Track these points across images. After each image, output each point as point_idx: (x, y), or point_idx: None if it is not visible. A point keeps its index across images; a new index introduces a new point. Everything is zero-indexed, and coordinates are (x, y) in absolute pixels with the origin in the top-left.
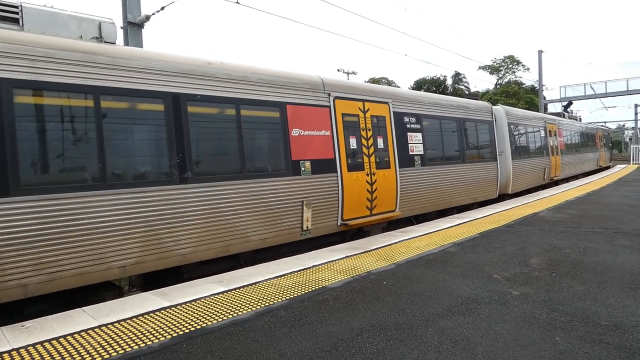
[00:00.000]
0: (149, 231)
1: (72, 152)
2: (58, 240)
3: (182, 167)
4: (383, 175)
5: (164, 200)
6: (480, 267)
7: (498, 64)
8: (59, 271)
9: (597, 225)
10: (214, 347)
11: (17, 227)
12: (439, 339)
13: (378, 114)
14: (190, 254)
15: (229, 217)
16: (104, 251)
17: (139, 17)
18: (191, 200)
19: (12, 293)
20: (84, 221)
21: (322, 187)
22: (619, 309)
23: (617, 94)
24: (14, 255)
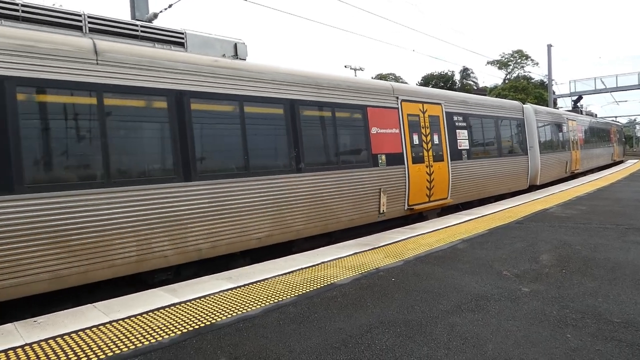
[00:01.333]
0: (277, 210)
1: (229, 149)
2: (217, 216)
3: (297, 159)
4: (438, 167)
5: (286, 185)
6: (489, 263)
7: (507, 58)
8: (218, 240)
9: (607, 221)
10: (223, 342)
11: (198, 205)
12: (449, 336)
13: (433, 113)
14: (302, 230)
15: (327, 201)
16: (248, 226)
17: (147, 15)
18: (304, 186)
19: (192, 255)
20: (233, 201)
21: (394, 177)
22: (631, 306)
23: (628, 88)
24: (197, 226)
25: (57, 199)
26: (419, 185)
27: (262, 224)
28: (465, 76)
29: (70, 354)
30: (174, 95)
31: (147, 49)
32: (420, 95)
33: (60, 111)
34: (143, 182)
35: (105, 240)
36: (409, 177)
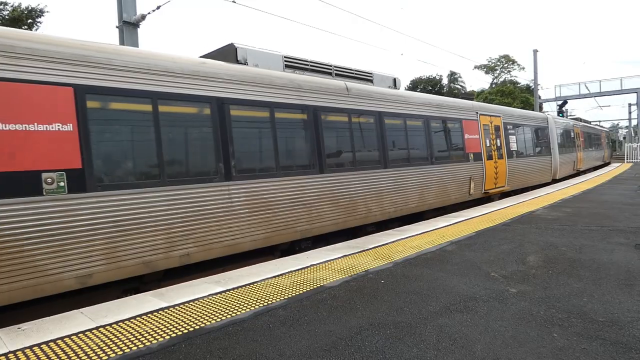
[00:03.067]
0: (418, 188)
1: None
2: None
3: (431, 156)
4: (500, 163)
5: (426, 172)
6: (477, 265)
7: (493, 63)
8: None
9: (593, 223)
10: (213, 347)
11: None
12: (438, 337)
13: (496, 124)
14: (432, 203)
15: (447, 184)
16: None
17: (135, 17)
18: (438, 173)
19: (293, 236)
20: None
21: (477, 169)
22: (615, 305)
23: (611, 93)
24: (296, 213)
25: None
26: (490, 175)
27: (409, 197)
28: (453, 80)
29: None
30: (378, 114)
31: (365, 85)
32: (489, 110)
33: (332, 126)
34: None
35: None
36: (485, 169)
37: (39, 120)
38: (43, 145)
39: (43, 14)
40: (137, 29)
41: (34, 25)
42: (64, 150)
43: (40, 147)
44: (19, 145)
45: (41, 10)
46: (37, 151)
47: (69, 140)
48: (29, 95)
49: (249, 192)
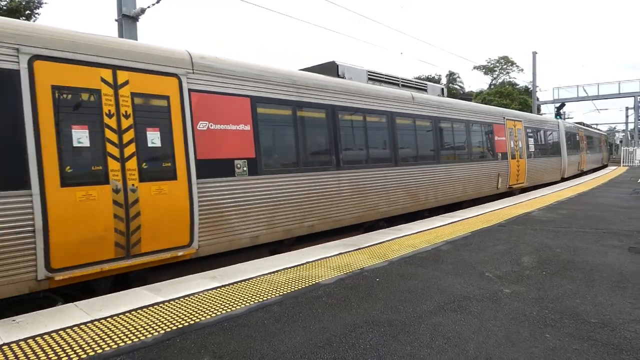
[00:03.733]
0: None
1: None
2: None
3: (469, 153)
4: (522, 162)
5: (467, 169)
6: (472, 265)
7: (492, 64)
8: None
9: (587, 226)
10: (207, 342)
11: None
12: (431, 336)
13: (518, 127)
14: (470, 194)
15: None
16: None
17: (134, 10)
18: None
19: (376, 216)
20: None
21: (504, 167)
22: (607, 307)
23: (609, 97)
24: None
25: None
26: (514, 172)
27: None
28: (452, 80)
29: (50, 353)
30: (434, 119)
31: (424, 95)
32: (513, 115)
33: (403, 128)
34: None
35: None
36: (510, 167)
37: (232, 122)
38: (234, 140)
39: (41, 5)
40: (137, 23)
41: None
42: (245, 144)
43: (233, 141)
44: (225, 139)
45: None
46: (231, 145)
47: (248, 137)
48: (227, 104)
49: (351, 179)
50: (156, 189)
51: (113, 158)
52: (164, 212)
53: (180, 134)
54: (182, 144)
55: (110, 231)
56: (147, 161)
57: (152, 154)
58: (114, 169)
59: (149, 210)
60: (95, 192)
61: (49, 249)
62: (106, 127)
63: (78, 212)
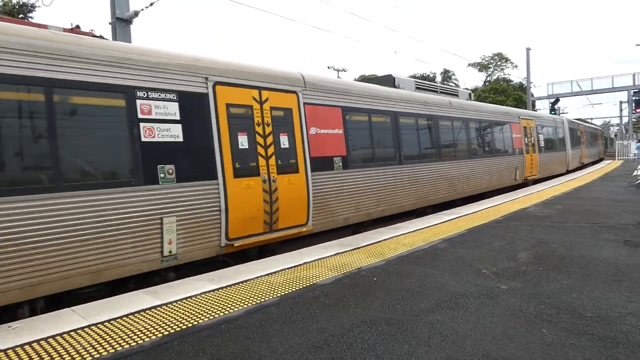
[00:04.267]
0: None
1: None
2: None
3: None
4: (534, 156)
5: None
6: (469, 262)
7: (487, 61)
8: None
9: (583, 220)
10: (205, 344)
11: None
12: (429, 333)
13: (531, 125)
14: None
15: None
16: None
17: (128, 13)
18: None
19: (424, 203)
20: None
21: (520, 161)
22: (603, 301)
23: (602, 91)
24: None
25: None
26: (528, 165)
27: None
28: (447, 78)
29: (47, 359)
30: (465, 120)
31: (457, 99)
32: (526, 115)
33: (443, 128)
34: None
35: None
36: (525, 161)
37: (330, 127)
38: (332, 141)
39: (35, 9)
40: (130, 26)
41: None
42: (339, 145)
43: (332, 142)
44: (327, 141)
45: (32, 5)
46: (330, 145)
47: (341, 139)
48: (327, 113)
49: (408, 173)
50: (287, 180)
51: (261, 156)
52: (292, 198)
53: (300, 137)
54: (301, 145)
55: (260, 211)
56: (281, 158)
57: (284, 153)
58: (262, 164)
59: (283, 196)
60: (252, 182)
61: (227, 223)
62: (256, 133)
63: (243, 197)
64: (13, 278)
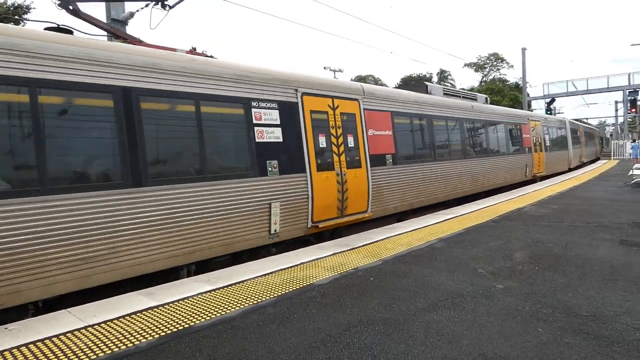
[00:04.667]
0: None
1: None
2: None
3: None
4: (541, 155)
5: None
6: (465, 262)
7: (483, 61)
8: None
9: (578, 220)
10: (202, 345)
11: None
12: (425, 333)
13: (538, 126)
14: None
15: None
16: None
17: (123, 14)
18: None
19: (458, 194)
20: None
21: (529, 159)
22: (598, 300)
23: (598, 91)
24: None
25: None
26: (536, 163)
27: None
28: (443, 78)
29: None
30: (484, 122)
31: (477, 103)
32: (534, 116)
33: (468, 129)
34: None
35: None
36: (533, 159)
37: (382, 129)
38: (384, 141)
39: (29, 10)
40: (126, 27)
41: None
42: (389, 144)
43: (384, 142)
44: (380, 141)
45: (27, 7)
46: (383, 144)
47: (390, 139)
48: (380, 117)
49: (441, 168)
50: (353, 174)
51: (335, 154)
52: (356, 189)
53: (361, 138)
54: (362, 144)
55: (335, 199)
56: (348, 156)
57: (350, 151)
58: (335, 160)
59: (350, 187)
60: (329, 175)
61: (313, 208)
62: (331, 135)
63: (323, 187)
64: (181, 247)
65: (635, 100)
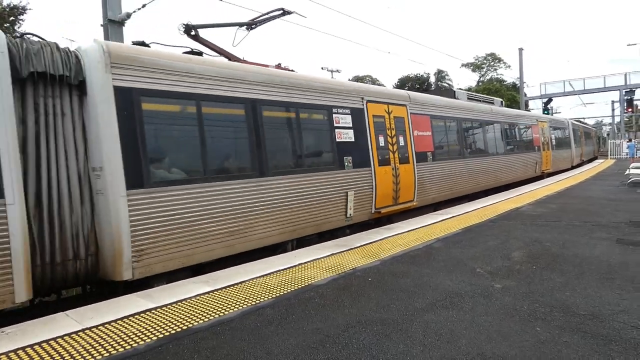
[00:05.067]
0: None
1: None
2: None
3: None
4: (549, 153)
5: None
6: (463, 261)
7: (480, 61)
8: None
9: (576, 219)
10: (200, 346)
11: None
12: (424, 333)
13: (545, 126)
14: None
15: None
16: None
17: (120, 15)
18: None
19: (484, 187)
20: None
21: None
22: (596, 299)
23: (594, 91)
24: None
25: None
26: (544, 161)
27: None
28: (440, 78)
29: None
30: (501, 123)
31: (496, 106)
32: (542, 118)
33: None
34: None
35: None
36: (542, 156)
37: (423, 130)
38: (425, 141)
39: (25, 11)
40: (123, 28)
41: (16, 23)
42: (429, 143)
43: (426, 141)
44: (422, 140)
45: (23, 7)
46: (424, 143)
47: (430, 139)
48: (421, 119)
49: (468, 164)
50: (404, 169)
51: (390, 151)
52: (406, 181)
53: (409, 138)
54: (410, 143)
55: (391, 190)
56: (400, 153)
57: (401, 149)
58: (391, 157)
59: (402, 180)
60: (387, 169)
61: (375, 197)
62: (387, 135)
63: (383, 179)
64: (288, 225)
65: (632, 99)
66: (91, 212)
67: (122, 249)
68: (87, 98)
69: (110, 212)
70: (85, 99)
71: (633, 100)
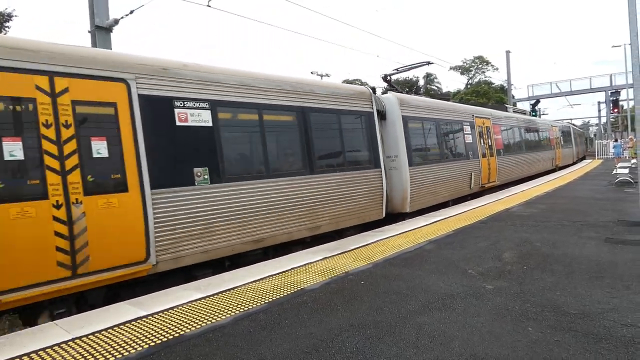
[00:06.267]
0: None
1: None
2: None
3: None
4: (560, 151)
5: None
6: (455, 263)
7: (468, 64)
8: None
9: (565, 219)
10: (193, 354)
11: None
12: (417, 335)
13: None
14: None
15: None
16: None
17: (107, 21)
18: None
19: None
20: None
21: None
22: (586, 298)
23: (581, 92)
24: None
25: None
26: (557, 156)
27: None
28: (429, 81)
29: None
30: (532, 128)
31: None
32: (555, 123)
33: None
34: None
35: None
36: (555, 153)
37: (498, 134)
38: (499, 142)
39: (11, 18)
40: (110, 34)
41: (2, 29)
42: (500, 143)
43: (499, 142)
44: (498, 141)
45: (9, 14)
46: (499, 143)
47: (500, 140)
48: (496, 128)
49: (522, 158)
50: (492, 160)
51: (486, 148)
52: (493, 167)
53: (492, 140)
54: (493, 143)
55: (486, 173)
56: (490, 150)
57: (489, 147)
58: (486, 152)
59: (491, 166)
60: (484, 160)
61: (481, 177)
62: (483, 138)
63: (484, 167)
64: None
65: (617, 100)
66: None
67: (407, 196)
68: (387, 121)
69: (402, 179)
70: (384, 122)
71: (619, 101)
